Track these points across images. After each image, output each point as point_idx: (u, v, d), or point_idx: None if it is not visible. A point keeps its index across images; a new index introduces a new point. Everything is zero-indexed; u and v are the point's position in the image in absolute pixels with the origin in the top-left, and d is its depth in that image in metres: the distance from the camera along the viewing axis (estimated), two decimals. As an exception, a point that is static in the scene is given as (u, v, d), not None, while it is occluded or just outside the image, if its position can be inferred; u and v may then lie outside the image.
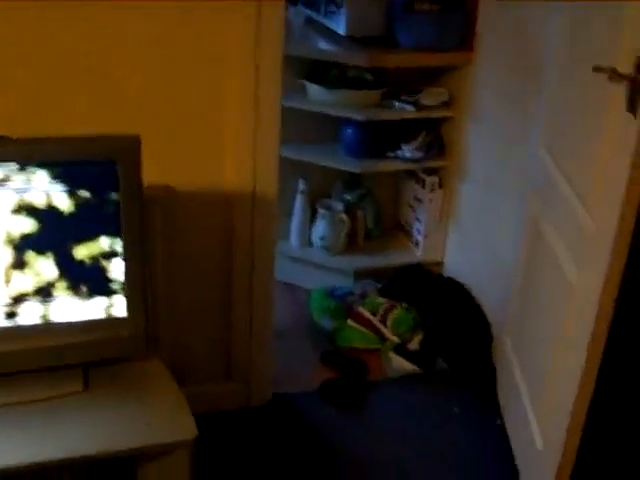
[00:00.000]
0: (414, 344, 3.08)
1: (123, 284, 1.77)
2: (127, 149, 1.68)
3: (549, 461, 2.18)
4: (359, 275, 3.45)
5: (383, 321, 3.13)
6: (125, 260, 1.74)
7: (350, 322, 3.15)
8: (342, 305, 3.22)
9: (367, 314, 3.16)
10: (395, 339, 3.09)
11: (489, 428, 2.72)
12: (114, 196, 1.70)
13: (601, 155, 1.93)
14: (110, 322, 1.81)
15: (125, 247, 1.73)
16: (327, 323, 3.20)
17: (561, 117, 2.34)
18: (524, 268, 2.61)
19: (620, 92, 1.76)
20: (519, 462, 2.52)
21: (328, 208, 3.50)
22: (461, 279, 3.38)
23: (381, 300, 3.24)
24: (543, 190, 2.45)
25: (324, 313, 3.22)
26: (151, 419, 1.74)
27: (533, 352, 2.45)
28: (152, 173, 2.23)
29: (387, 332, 3.11)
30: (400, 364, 3.02)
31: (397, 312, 3.15)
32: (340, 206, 3.52)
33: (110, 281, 1.77)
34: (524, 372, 2.55)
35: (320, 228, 3.49)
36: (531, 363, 2.47)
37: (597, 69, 1.84)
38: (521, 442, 2.53)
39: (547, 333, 2.30)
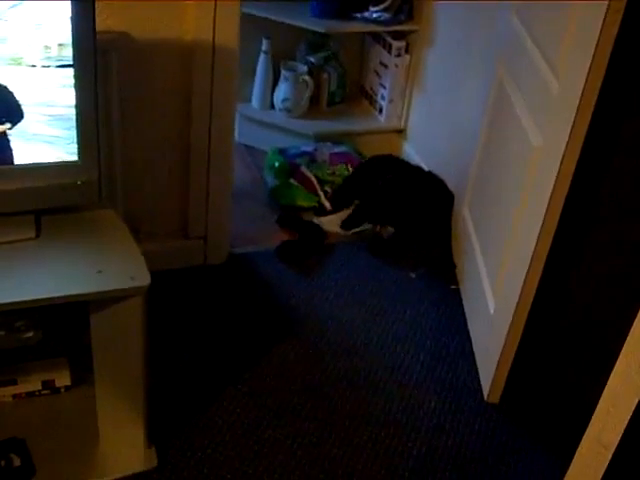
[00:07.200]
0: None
1: (76, 128, 1.71)
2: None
3: (500, 325, 2.22)
4: (319, 139, 3.40)
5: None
6: (77, 102, 1.67)
7: (292, 181, 3.14)
8: (287, 164, 3.20)
9: (309, 175, 3.16)
10: (328, 205, 3.09)
11: (444, 293, 2.76)
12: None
13: (572, 17, 1.88)
14: (62, 167, 1.76)
15: (77, 88, 1.65)
16: (271, 180, 3.18)
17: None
18: (487, 133, 2.59)
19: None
20: (471, 326, 2.57)
21: (291, 69, 3.41)
22: (422, 147, 3.35)
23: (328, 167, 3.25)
24: (511, 55, 2.39)
25: (269, 171, 3.21)
26: (103, 266, 1.71)
27: (491, 218, 2.46)
28: (110, 20, 2.16)
29: (322, 196, 3.12)
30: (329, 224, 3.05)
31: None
32: (304, 68, 3.43)
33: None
34: (481, 238, 2.57)
35: (282, 90, 3.41)
36: (488, 229, 2.49)
37: None
38: (474, 307, 2.57)
39: (507, 196, 2.30)
